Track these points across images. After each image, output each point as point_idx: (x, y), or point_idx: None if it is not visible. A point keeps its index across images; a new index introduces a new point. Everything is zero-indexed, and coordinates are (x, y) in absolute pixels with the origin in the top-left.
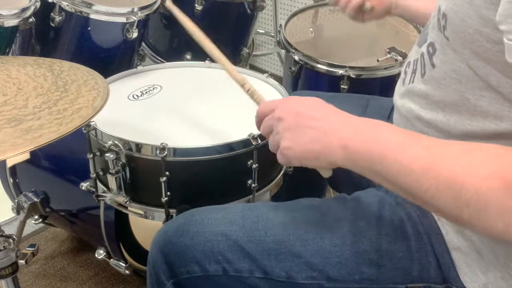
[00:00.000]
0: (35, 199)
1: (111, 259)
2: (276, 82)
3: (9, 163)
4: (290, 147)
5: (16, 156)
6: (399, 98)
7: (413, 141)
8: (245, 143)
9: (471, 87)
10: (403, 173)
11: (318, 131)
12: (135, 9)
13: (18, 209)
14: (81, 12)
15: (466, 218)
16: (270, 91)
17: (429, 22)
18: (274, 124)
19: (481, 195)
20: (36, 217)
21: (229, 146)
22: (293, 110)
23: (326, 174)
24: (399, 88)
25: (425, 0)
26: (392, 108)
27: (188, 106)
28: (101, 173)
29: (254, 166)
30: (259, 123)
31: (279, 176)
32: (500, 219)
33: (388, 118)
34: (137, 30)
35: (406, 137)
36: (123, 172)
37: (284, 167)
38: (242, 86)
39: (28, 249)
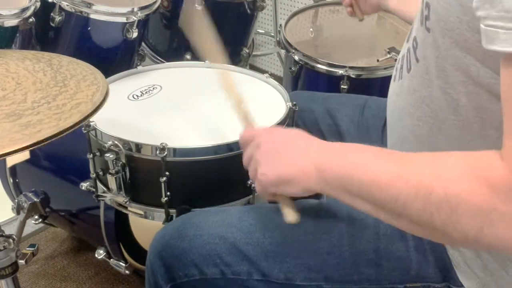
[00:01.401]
0: (35, 199)
1: (111, 259)
2: (276, 82)
3: (9, 163)
4: (265, 172)
5: (15, 152)
6: (391, 96)
7: (382, 156)
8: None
9: (451, 81)
10: (373, 185)
11: (295, 155)
12: (135, 9)
13: (18, 209)
14: (81, 12)
15: (439, 225)
16: (270, 91)
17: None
18: (252, 153)
19: (451, 197)
20: (36, 217)
21: (229, 146)
22: (272, 138)
23: (289, 218)
24: (391, 86)
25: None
26: None
27: (188, 106)
28: (101, 173)
29: None
30: (242, 149)
31: None
32: (472, 221)
33: (386, 118)
34: (137, 30)
35: (375, 153)
36: (123, 172)
37: None
38: (239, 104)
39: (28, 249)
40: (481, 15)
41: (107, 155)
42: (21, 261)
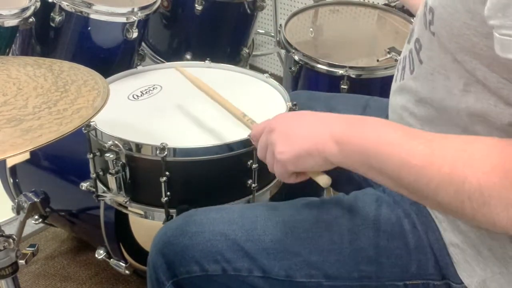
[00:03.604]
0: (35, 199)
1: (111, 259)
2: (276, 82)
3: (9, 163)
4: (283, 151)
5: (16, 156)
6: (393, 96)
7: (411, 135)
8: (245, 143)
9: (457, 83)
10: (401, 167)
11: (311, 129)
12: (135, 9)
13: (18, 209)
14: (81, 12)
15: (469, 212)
16: (270, 91)
17: (416, 17)
18: (267, 139)
19: (484, 188)
20: (36, 217)
21: (229, 146)
22: (285, 120)
23: (323, 181)
24: (393, 86)
25: None
26: None
27: (188, 106)
28: (101, 173)
29: (254, 166)
30: (255, 143)
31: None
32: (505, 212)
33: (387, 118)
34: (137, 30)
35: (404, 131)
36: (123, 172)
37: None
38: (243, 118)
39: (28, 249)
40: (495, 24)
41: (107, 155)
42: (21, 261)
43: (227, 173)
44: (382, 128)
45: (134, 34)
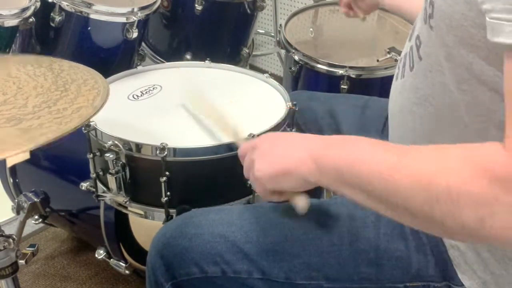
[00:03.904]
0: (35, 199)
1: (111, 259)
2: (276, 82)
3: (9, 163)
4: (261, 168)
5: (15, 155)
6: (393, 94)
7: (381, 148)
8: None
9: (454, 79)
10: (372, 177)
11: (291, 149)
12: (135, 9)
13: (18, 209)
14: (81, 12)
15: (438, 216)
16: (270, 91)
17: (418, 15)
18: (250, 156)
19: (452, 188)
20: (36, 217)
21: (229, 146)
22: (267, 139)
23: (301, 204)
24: (393, 84)
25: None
26: None
27: (188, 106)
28: (101, 173)
29: None
30: (242, 162)
31: None
32: (474, 212)
33: (386, 118)
34: (137, 30)
35: (375, 144)
36: (123, 172)
37: None
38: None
39: (28, 249)
40: (487, 8)
41: (107, 155)
42: (21, 261)
43: (227, 173)
44: (356, 144)
45: (134, 34)
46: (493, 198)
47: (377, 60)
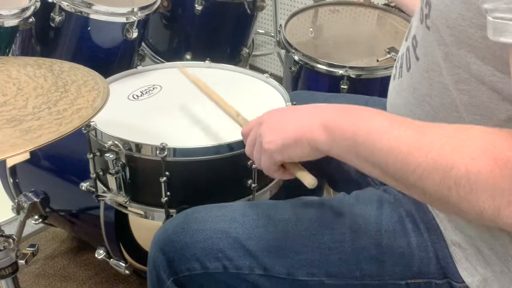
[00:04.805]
0: (35, 199)
1: (111, 259)
2: (276, 82)
3: (9, 163)
4: (271, 140)
5: (15, 156)
6: (391, 95)
7: (400, 122)
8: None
9: (452, 79)
10: (388, 154)
11: (300, 118)
12: (135, 9)
13: (18, 209)
14: (81, 12)
15: (454, 200)
16: (270, 91)
17: (414, 15)
18: (256, 132)
19: (471, 174)
20: (36, 217)
21: (229, 146)
22: (274, 112)
23: (308, 181)
24: (390, 84)
25: None
26: None
27: (188, 106)
28: (101, 173)
29: (254, 166)
30: (245, 140)
31: None
32: (490, 200)
33: None
34: (137, 30)
35: (392, 118)
36: (123, 172)
37: None
38: (237, 117)
39: (28, 249)
40: (488, 8)
41: (107, 155)
42: (21, 261)
43: (227, 173)
44: (372, 117)
45: (134, 34)
46: (510, 189)
47: (377, 60)
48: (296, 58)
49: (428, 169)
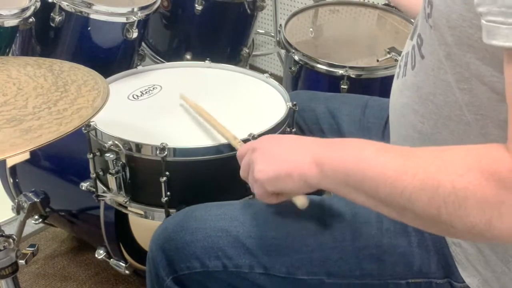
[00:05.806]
0: (35, 199)
1: (111, 259)
2: (276, 82)
3: (9, 163)
4: (263, 169)
5: (15, 156)
6: (394, 94)
7: (385, 150)
8: (245, 143)
9: (454, 78)
10: (377, 181)
11: (292, 152)
12: (135, 9)
13: (18, 209)
14: (81, 12)
15: (445, 218)
16: (270, 91)
17: (419, 13)
18: (249, 157)
19: (458, 191)
20: (36, 217)
21: (229, 146)
22: (267, 140)
23: (300, 202)
24: (394, 83)
25: None
26: None
27: (188, 106)
28: (101, 173)
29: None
30: (240, 163)
31: None
32: (481, 214)
33: (387, 118)
34: (137, 30)
35: (378, 147)
36: (123, 172)
37: None
38: (234, 141)
39: (28, 249)
40: (482, 11)
41: (107, 155)
42: (21, 261)
43: (227, 173)
44: (359, 147)
45: (134, 34)
46: (500, 201)
47: (377, 60)
48: (296, 58)
49: (416, 191)
